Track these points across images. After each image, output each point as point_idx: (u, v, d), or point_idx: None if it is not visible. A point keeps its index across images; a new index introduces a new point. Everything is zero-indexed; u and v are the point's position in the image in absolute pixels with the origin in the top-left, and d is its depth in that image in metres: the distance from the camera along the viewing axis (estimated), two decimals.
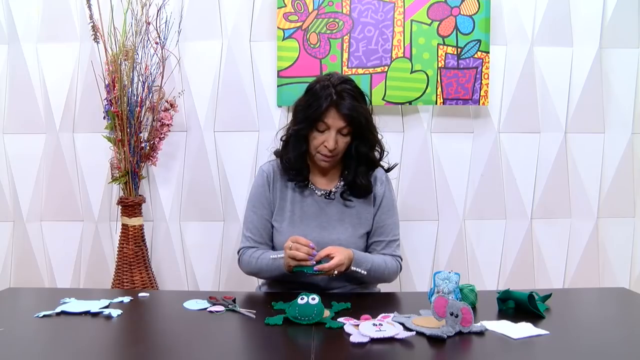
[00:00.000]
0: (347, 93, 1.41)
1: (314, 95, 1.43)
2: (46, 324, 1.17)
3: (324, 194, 1.53)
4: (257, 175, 1.58)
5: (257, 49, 2.21)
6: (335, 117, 1.41)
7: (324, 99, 1.40)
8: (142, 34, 2.02)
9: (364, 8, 2.14)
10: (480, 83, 2.17)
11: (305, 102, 1.46)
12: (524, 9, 2.23)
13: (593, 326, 1.21)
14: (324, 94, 1.41)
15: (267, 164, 1.60)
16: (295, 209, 1.51)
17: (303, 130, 1.45)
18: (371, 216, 1.54)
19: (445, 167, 2.27)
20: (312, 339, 1.07)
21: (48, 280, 2.31)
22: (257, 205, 1.54)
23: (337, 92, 1.41)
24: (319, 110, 1.40)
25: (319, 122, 1.42)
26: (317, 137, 1.44)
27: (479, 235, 2.30)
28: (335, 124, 1.42)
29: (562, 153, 2.29)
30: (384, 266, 1.48)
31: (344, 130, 1.43)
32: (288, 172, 1.52)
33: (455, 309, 1.07)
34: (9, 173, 2.28)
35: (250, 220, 1.54)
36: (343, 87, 1.42)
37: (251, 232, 1.53)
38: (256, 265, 1.48)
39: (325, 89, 1.41)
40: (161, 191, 2.26)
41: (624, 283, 2.33)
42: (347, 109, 1.40)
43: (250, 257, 1.50)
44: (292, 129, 1.48)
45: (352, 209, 1.53)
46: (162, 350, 1.05)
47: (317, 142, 1.45)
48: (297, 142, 1.48)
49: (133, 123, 2.03)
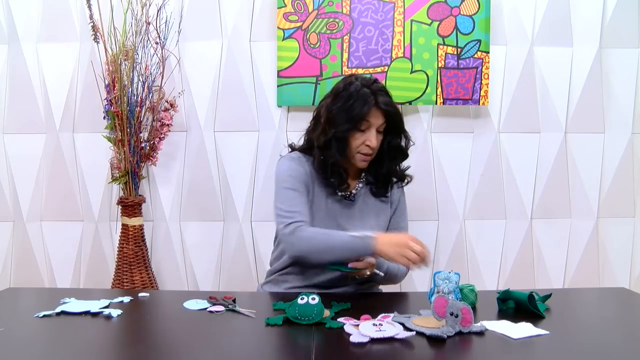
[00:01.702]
0: (380, 91, 1.47)
1: (352, 97, 1.45)
2: (46, 324, 1.17)
3: (343, 195, 1.54)
4: (289, 160, 1.54)
5: (257, 49, 2.21)
6: (376, 114, 1.45)
7: (365, 98, 1.44)
8: (142, 34, 2.02)
9: (364, 8, 2.14)
10: (480, 83, 2.17)
11: (342, 104, 1.46)
12: (524, 9, 2.23)
13: (593, 326, 1.21)
14: (364, 93, 1.44)
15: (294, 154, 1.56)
16: (320, 205, 1.52)
17: (346, 132, 1.46)
18: (387, 219, 1.58)
19: (445, 167, 2.27)
20: (312, 339, 1.07)
21: (48, 280, 2.31)
22: (296, 186, 1.47)
23: (372, 92, 1.45)
24: (362, 110, 1.43)
25: (362, 122, 1.45)
26: (358, 137, 1.47)
27: (479, 235, 2.30)
28: (376, 122, 1.46)
29: (562, 153, 2.29)
30: (396, 268, 1.50)
31: (381, 127, 1.48)
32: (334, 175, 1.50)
33: (455, 309, 1.07)
34: (9, 173, 2.28)
35: (292, 197, 1.45)
36: (376, 86, 1.47)
37: (299, 209, 1.44)
38: (327, 243, 1.38)
39: (361, 88, 1.46)
40: (161, 191, 2.26)
41: (624, 283, 2.33)
42: (387, 107, 1.46)
43: (315, 234, 1.40)
44: (332, 132, 1.47)
45: (371, 210, 1.56)
46: (162, 350, 1.05)
47: (358, 142, 1.47)
48: (341, 144, 1.48)
49: (133, 123, 2.03)
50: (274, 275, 1.58)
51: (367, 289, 1.55)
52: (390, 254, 1.33)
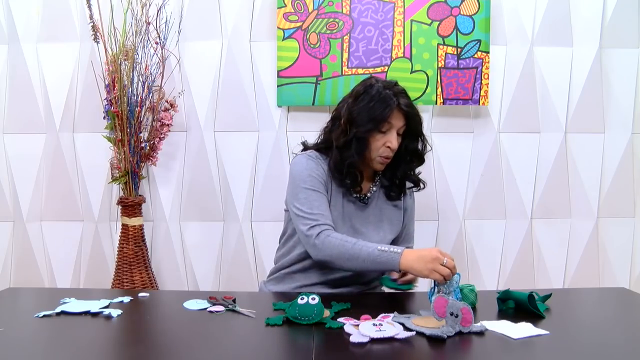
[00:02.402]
0: (401, 93, 1.48)
1: (375, 98, 1.46)
2: (46, 324, 1.17)
3: (357, 197, 1.54)
4: (306, 158, 1.52)
5: (257, 49, 2.21)
6: (398, 116, 1.47)
7: (387, 100, 1.45)
8: (142, 34, 2.02)
9: (364, 8, 2.14)
10: (480, 83, 2.17)
11: (365, 105, 1.46)
12: (524, 9, 2.23)
13: (593, 326, 1.21)
14: (386, 95, 1.45)
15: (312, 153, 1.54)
16: (337, 206, 1.51)
17: (368, 133, 1.46)
18: (400, 222, 1.60)
19: (445, 167, 2.27)
20: (312, 339, 1.07)
21: (48, 280, 2.31)
22: (317, 187, 1.46)
23: (395, 94, 1.46)
24: (385, 112, 1.44)
25: (383, 123, 1.45)
26: (379, 139, 1.47)
27: (479, 235, 2.30)
28: (397, 123, 1.47)
29: (562, 153, 2.29)
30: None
31: (401, 129, 1.49)
32: (349, 176, 1.49)
33: (455, 309, 1.07)
34: (9, 173, 2.28)
35: (314, 199, 1.44)
36: (398, 89, 1.48)
37: (322, 212, 1.42)
38: (352, 253, 1.34)
39: (383, 90, 1.46)
40: (161, 191, 2.26)
41: (624, 283, 2.33)
42: (408, 109, 1.47)
43: (340, 241, 1.37)
44: (353, 132, 1.46)
45: (384, 213, 1.57)
46: (162, 350, 1.05)
47: (379, 144, 1.47)
48: (361, 145, 1.47)
49: (133, 123, 2.03)
50: (279, 272, 1.58)
51: (368, 290, 1.55)
52: (419, 270, 1.28)
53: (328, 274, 1.49)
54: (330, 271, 1.48)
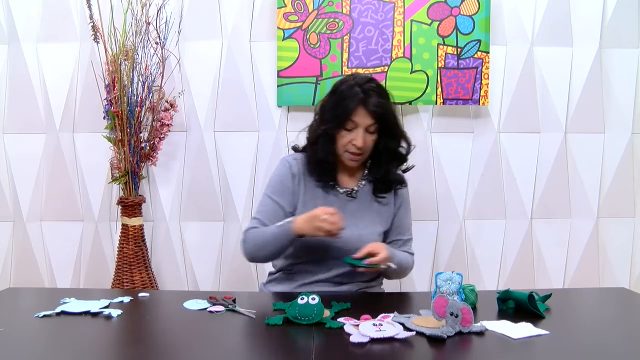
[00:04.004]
0: (373, 91, 1.46)
1: (341, 95, 1.47)
2: (46, 324, 1.17)
3: (346, 192, 1.55)
4: (281, 165, 1.59)
5: (257, 49, 2.21)
6: (363, 114, 1.45)
7: (352, 97, 1.44)
8: (142, 34, 2.02)
9: (364, 8, 2.14)
10: (480, 83, 2.17)
11: (332, 102, 1.49)
12: (524, 9, 2.23)
13: (593, 326, 1.21)
14: (351, 93, 1.45)
15: (292, 157, 1.60)
16: (317, 204, 1.52)
17: (332, 130, 1.48)
18: (391, 215, 1.59)
19: (445, 167, 2.27)
20: (312, 339, 1.07)
21: (48, 280, 2.31)
22: (275, 192, 1.54)
23: (363, 91, 1.45)
24: (347, 109, 1.44)
25: (347, 121, 1.45)
26: (345, 135, 1.47)
27: (479, 235, 2.30)
28: (363, 122, 1.45)
29: (562, 153, 2.29)
30: (406, 262, 1.53)
31: (371, 127, 1.47)
32: (316, 171, 1.54)
33: (455, 309, 1.07)
34: (9, 173, 2.28)
35: (263, 204, 1.54)
36: (369, 86, 1.47)
37: (262, 215, 1.52)
38: (263, 238, 1.46)
39: (351, 88, 1.46)
40: (161, 191, 2.26)
41: (624, 283, 2.33)
42: (374, 107, 1.45)
43: (255, 234, 1.48)
44: (321, 128, 1.50)
45: (373, 207, 1.56)
46: (162, 350, 1.05)
47: (345, 141, 1.47)
48: (326, 141, 1.50)
49: (133, 123, 2.03)
50: (278, 273, 1.59)
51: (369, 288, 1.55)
52: (306, 230, 1.38)
53: (326, 271, 1.49)
54: (328, 269, 1.49)
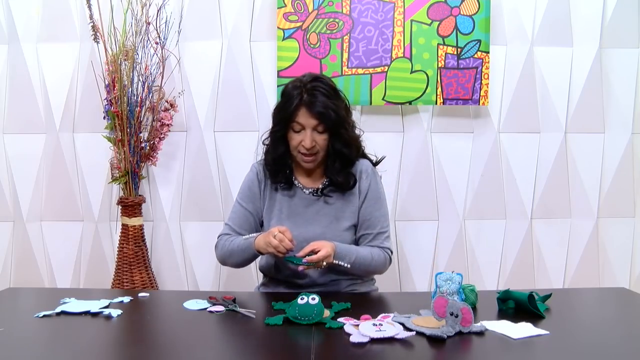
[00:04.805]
0: (317, 91, 1.43)
1: (286, 97, 1.46)
2: (46, 324, 1.17)
3: (311, 192, 1.55)
4: (250, 170, 1.63)
5: (257, 49, 2.21)
6: (307, 115, 1.43)
7: (294, 98, 1.43)
8: (142, 34, 2.03)
9: (364, 8, 2.14)
10: (480, 83, 2.17)
11: (279, 104, 1.50)
12: (524, 9, 2.23)
13: (593, 326, 1.21)
14: (295, 93, 1.44)
15: (260, 162, 1.63)
16: (283, 207, 1.54)
17: (279, 132, 1.49)
18: (356, 209, 1.54)
19: (445, 167, 2.27)
20: (312, 339, 1.07)
21: (48, 280, 2.31)
22: (243, 199, 1.57)
23: (307, 91, 1.43)
24: (290, 111, 1.43)
25: (292, 123, 1.45)
26: (294, 137, 1.47)
27: (479, 235, 2.30)
28: (308, 123, 1.44)
29: (562, 153, 2.29)
30: (369, 258, 1.47)
31: (319, 127, 1.45)
32: (270, 173, 1.56)
33: (455, 309, 1.07)
34: (9, 173, 2.28)
35: (234, 211, 1.58)
36: (313, 85, 1.44)
37: (232, 222, 1.56)
38: (229, 248, 1.50)
39: (295, 89, 1.45)
40: (161, 191, 2.26)
41: (624, 283, 2.33)
42: (317, 107, 1.42)
43: (225, 242, 1.52)
44: (270, 131, 1.53)
45: (334, 204, 1.54)
46: (162, 350, 1.05)
47: (295, 142, 1.47)
48: (276, 144, 1.52)
49: (133, 123, 2.03)
50: (267, 278, 1.61)
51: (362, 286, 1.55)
52: (262, 247, 1.41)
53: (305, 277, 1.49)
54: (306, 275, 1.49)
